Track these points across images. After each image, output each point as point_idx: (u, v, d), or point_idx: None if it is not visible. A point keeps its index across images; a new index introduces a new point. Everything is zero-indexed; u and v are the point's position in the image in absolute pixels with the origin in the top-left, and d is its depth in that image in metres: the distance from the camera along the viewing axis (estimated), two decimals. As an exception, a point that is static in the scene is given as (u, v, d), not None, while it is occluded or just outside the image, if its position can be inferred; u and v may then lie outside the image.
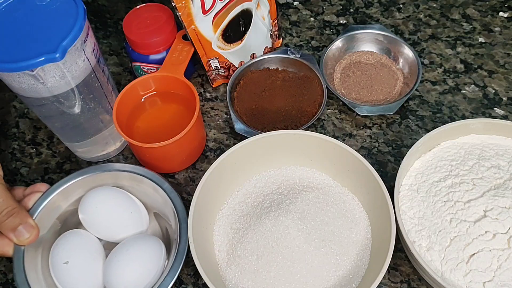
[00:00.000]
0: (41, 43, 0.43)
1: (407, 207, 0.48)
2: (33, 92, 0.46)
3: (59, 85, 0.46)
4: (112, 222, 0.48)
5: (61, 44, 0.43)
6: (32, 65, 0.42)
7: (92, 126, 0.53)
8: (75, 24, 0.44)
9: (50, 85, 0.45)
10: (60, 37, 0.43)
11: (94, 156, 0.58)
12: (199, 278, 0.50)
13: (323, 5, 0.71)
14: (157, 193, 0.50)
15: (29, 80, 0.44)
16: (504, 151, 0.50)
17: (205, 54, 0.59)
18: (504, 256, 0.43)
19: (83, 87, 0.48)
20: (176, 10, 0.52)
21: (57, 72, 0.45)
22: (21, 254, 0.46)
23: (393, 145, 0.58)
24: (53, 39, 0.43)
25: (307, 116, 0.58)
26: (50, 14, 0.45)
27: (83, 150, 0.57)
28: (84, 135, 0.54)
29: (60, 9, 0.45)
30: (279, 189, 0.51)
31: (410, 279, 0.49)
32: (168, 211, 0.49)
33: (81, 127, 0.53)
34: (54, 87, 0.46)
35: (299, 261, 0.45)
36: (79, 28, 0.44)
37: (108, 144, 0.57)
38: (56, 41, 0.43)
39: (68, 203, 0.51)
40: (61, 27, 0.44)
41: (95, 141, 0.55)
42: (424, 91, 0.62)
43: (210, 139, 0.60)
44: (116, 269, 0.45)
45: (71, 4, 0.46)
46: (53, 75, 0.44)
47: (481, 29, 0.67)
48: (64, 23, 0.44)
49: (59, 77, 0.45)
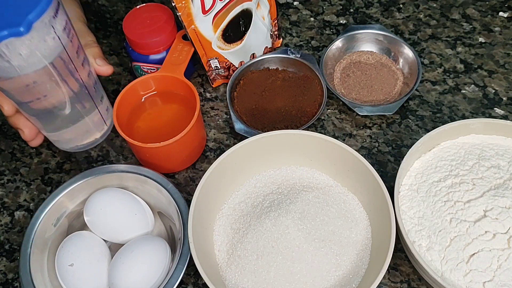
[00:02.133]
0: (5, 17, 0.40)
1: (407, 207, 0.48)
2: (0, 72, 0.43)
3: (27, 64, 0.42)
4: (117, 224, 0.49)
5: (27, 17, 0.39)
6: None
7: (70, 115, 0.50)
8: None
9: (17, 64, 0.42)
10: (26, 11, 0.40)
11: (74, 146, 0.55)
12: (199, 278, 0.50)
13: (323, 5, 0.71)
14: (161, 194, 0.50)
15: None
16: (504, 151, 0.50)
17: (205, 54, 0.59)
18: (504, 256, 0.43)
19: (54, 69, 0.44)
20: (176, 10, 0.52)
21: (23, 50, 0.41)
22: (27, 256, 0.46)
23: (393, 145, 0.58)
24: (19, 12, 0.40)
25: (307, 116, 0.58)
26: None
27: (62, 140, 0.54)
28: (61, 123, 0.51)
29: None
30: (279, 189, 0.51)
31: (410, 279, 0.49)
32: (172, 212, 0.49)
33: (57, 115, 0.49)
34: (22, 66, 0.42)
35: (299, 261, 0.45)
36: (47, 1, 0.41)
37: (89, 132, 0.55)
38: (22, 15, 0.39)
39: (74, 204, 0.51)
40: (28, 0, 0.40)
41: (74, 130, 0.53)
42: (424, 91, 0.62)
43: (210, 139, 0.60)
44: (120, 271, 0.45)
45: None
46: (18, 52, 0.41)
47: (481, 29, 0.67)
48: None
49: (25, 55, 0.41)
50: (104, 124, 0.56)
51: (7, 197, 0.57)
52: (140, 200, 0.51)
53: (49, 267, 0.48)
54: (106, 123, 0.56)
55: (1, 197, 0.57)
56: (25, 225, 0.55)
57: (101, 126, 0.56)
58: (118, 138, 0.60)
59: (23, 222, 0.55)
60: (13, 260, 0.53)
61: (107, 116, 0.56)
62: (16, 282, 0.51)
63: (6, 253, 0.53)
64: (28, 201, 0.57)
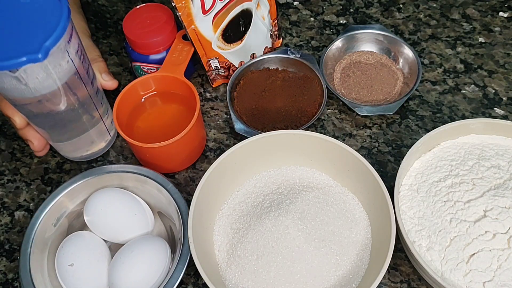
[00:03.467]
0: (23, 43, 0.41)
1: (407, 207, 0.48)
2: (16, 93, 0.44)
3: (43, 86, 0.44)
4: (117, 224, 0.49)
5: (44, 44, 0.41)
6: (13, 65, 0.40)
7: (77, 127, 0.52)
8: (59, 23, 0.42)
9: (33, 86, 0.44)
10: (43, 37, 0.41)
11: (79, 156, 0.57)
12: (199, 278, 0.50)
13: (323, 5, 0.71)
14: (161, 194, 0.50)
15: (11, 80, 0.42)
16: (504, 151, 0.50)
17: (205, 54, 0.59)
18: (504, 256, 0.43)
19: (67, 88, 0.47)
20: (176, 10, 0.52)
21: (40, 73, 0.43)
22: (27, 256, 0.46)
23: (393, 145, 0.58)
24: (36, 39, 0.41)
25: (307, 116, 0.58)
26: (33, 13, 0.43)
27: (68, 150, 0.56)
28: (69, 135, 0.53)
29: (43, 7, 0.43)
30: (279, 189, 0.51)
31: (410, 279, 0.49)
32: (172, 212, 0.49)
33: (65, 128, 0.51)
34: (37, 88, 0.44)
35: (299, 261, 0.45)
36: (62, 28, 0.42)
37: (94, 143, 0.56)
38: (39, 41, 0.41)
39: (74, 204, 0.51)
40: (45, 26, 0.42)
41: (80, 141, 0.54)
42: (424, 91, 0.62)
43: (210, 139, 0.60)
44: (120, 271, 0.45)
45: (55, 2, 0.43)
46: (36, 76, 0.43)
47: (481, 29, 0.67)
48: (48, 22, 0.42)
49: (42, 78, 0.43)
50: (108, 135, 0.58)
51: (7, 197, 0.57)
52: (140, 200, 0.51)
53: (49, 267, 0.48)
54: (110, 134, 0.58)
55: (1, 197, 0.57)
56: (25, 225, 0.55)
57: (106, 137, 0.57)
58: (118, 138, 0.60)
59: (23, 222, 0.55)
60: (13, 260, 0.53)
61: (111, 128, 0.58)
62: (16, 282, 0.51)
63: (6, 253, 0.53)
64: (28, 201, 0.57)
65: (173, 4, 0.52)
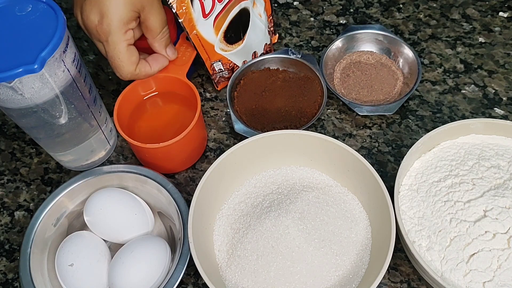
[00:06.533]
0: (19, 54, 0.42)
1: (407, 207, 0.48)
2: (11, 103, 0.44)
3: (39, 96, 0.45)
4: (117, 224, 0.49)
5: (40, 55, 0.41)
6: (10, 76, 0.41)
7: (75, 136, 0.52)
8: (54, 34, 0.43)
9: (29, 96, 0.44)
10: (39, 48, 0.42)
11: (79, 165, 0.57)
12: (199, 278, 0.50)
13: (323, 5, 0.71)
14: (161, 194, 0.50)
15: (6, 91, 0.43)
16: (504, 151, 0.50)
17: (209, 58, 0.58)
18: (504, 256, 0.43)
19: (63, 98, 0.47)
20: (178, 17, 0.52)
21: (35, 83, 0.43)
22: (27, 256, 0.46)
23: (393, 145, 0.58)
24: (32, 50, 0.42)
25: (307, 116, 0.58)
26: (29, 25, 0.44)
27: (68, 160, 0.56)
28: (68, 145, 0.53)
29: (39, 19, 0.44)
30: (279, 189, 0.51)
31: (410, 279, 0.49)
32: (172, 212, 0.49)
33: (63, 137, 0.51)
34: (33, 97, 0.44)
35: (299, 261, 0.45)
36: (58, 39, 0.43)
37: (94, 152, 0.56)
38: (35, 52, 0.42)
39: (74, 204, 0.51)
40: (40, 37, 0.43)
41: (79, 151, 0.54)
42: (424, 91, 0.62)
43: (210, 139, 0.60)
44: (120, 271, 0.45)
45: (50, 14, 0.44)
46: (31, 86, 0.43)
47: (481, 29, 0.67)
48: (44, 33, 0.43)
49: (38, 87, 0.44)
50: (108, 144, 0.58)
51: (7, 197, 0.57)
52: (140, 200, 0.51)
53: (49, 267, 0.48)
54: (109, 143, 0.58)
55: (1, 197, 0.57)
56: (25, 225, 0.55)
57: (105, 146, 0.57)
58: (118, 138, 0.60)
59: (23, 222, 0.55)
60: (13, 260, 0.53)
61: (110, 136, 0.58)
62: (16, 282, 0.51)
63: (6, 253, 0.53)
64: (28, 201, 0.57)
65: (174, 11, 0.51)
